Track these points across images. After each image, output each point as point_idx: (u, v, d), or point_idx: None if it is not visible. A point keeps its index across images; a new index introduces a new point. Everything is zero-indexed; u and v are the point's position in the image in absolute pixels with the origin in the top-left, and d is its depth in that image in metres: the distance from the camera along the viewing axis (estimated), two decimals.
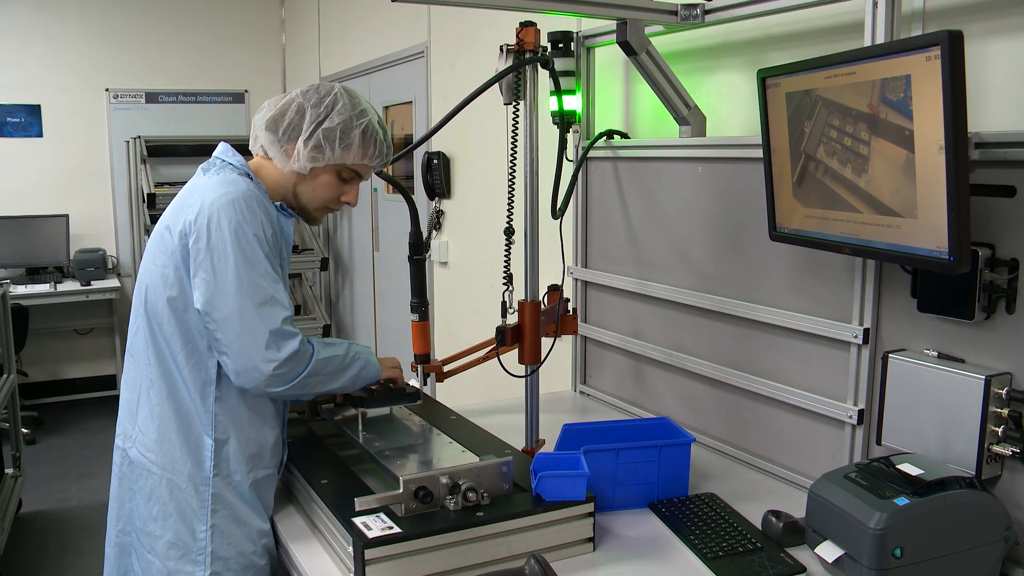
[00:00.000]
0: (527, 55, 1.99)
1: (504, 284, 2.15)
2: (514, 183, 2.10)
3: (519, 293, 2.11)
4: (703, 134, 2.27)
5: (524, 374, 2.11)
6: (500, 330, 2.10)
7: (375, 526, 1.47)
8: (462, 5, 2.65)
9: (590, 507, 1.60)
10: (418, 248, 2.17)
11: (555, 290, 2.33)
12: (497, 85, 1.99)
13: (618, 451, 1.78)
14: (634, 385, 2.53)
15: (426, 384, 2.27)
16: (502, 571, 1.45)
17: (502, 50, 2.04)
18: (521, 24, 2.00)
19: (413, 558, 1.46)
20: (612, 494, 1.79)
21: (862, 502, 1.42)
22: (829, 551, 1.46)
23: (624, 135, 2.50)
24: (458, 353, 2.39)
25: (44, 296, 5.55)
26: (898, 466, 1.48)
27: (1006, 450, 1.50)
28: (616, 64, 2.62)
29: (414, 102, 4.27)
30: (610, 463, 1.77)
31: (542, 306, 2.14)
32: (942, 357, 1.63)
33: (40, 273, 5.84)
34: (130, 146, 5.91)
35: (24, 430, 4.71)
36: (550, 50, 2.38)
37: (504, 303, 2.13)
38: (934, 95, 1.38)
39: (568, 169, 2.42)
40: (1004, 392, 1.51)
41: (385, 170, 2.06)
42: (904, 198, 1.49)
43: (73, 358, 6.24)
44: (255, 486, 1.71)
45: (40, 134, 5.95)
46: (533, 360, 2.10)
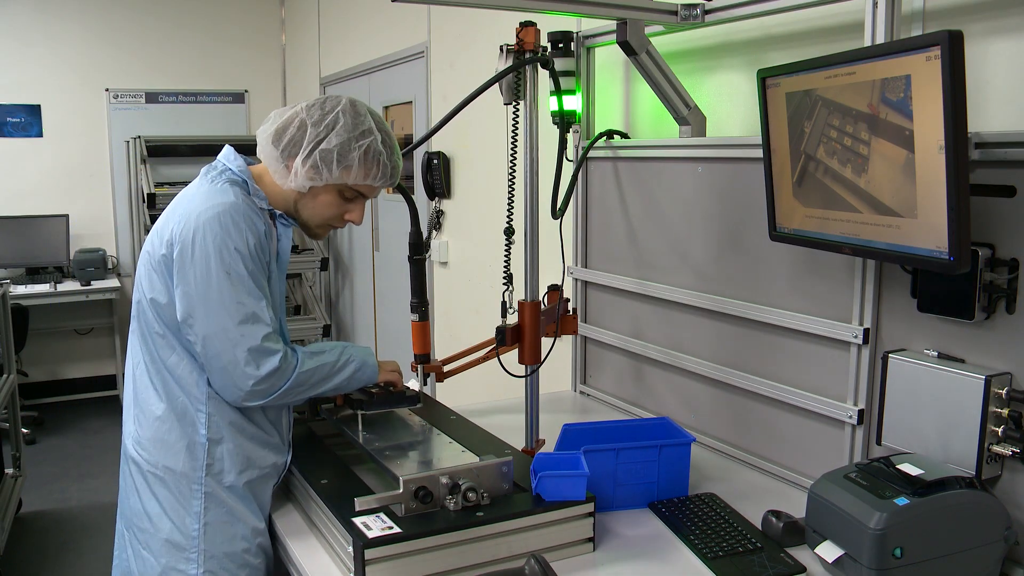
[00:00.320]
0: (527, 55, 1.99)
1: (504, 284, 2.15)
2: (514, 183, 2.10)
3: (519, 293, 2.11)
4: (703, 134, 2.27)
5: (524, 374, 2.11)
6: (500, 330, 2.10)
7: (375, 526, 1.47)
8: (462, 5, 2.65)
9: (590, 507, 1.60)
10: (418, 248, 2.17)
11: (555, 290, 2.33)
12: (497, 85, 1.99)
13: (618, 451, 1.78)
14: (634, 385, 2.53)
15: (426, 384, 2.27)
16: (502, 571, 1.45)
17: (502, 50, 2.04)
18: (521, 24, 2.00)
19: (413, 558, 1.46)
20: (612, 494, 1.78)
21: (862, 502, 1.42)
22: (829, 551, 1.47)
23: (624, 135, 2.50)
24: (458, 353, 2.39)
25: (44, 296, 5.55)
26: (898, 466, 1.48)
27: (1006, 450, 1.50)
28: (616, 64, 2.62)
29: (414, 102, 4.27)
30: (610, 463, 1.77)
31: (542, 306, 2.14)
32: (942, 357, 1.63)
33: (40, 273, 5.84)
34: (130, 146, 5.91)
35: (24, 430, 4.71)
36: (550, 50, 2.38)
37: (504, 303, 2.14)
38: (934, 95, 1.38)
39: (568, 169, 2.42)
40: (1004, 392, 1.51)
41: None
42: (904, 198, 1.49)
43: (73, 358, 6.24)
44: (250, 486, 1.71)
45: (40, 134, 5.95)
46: (533, 360, 2.10)
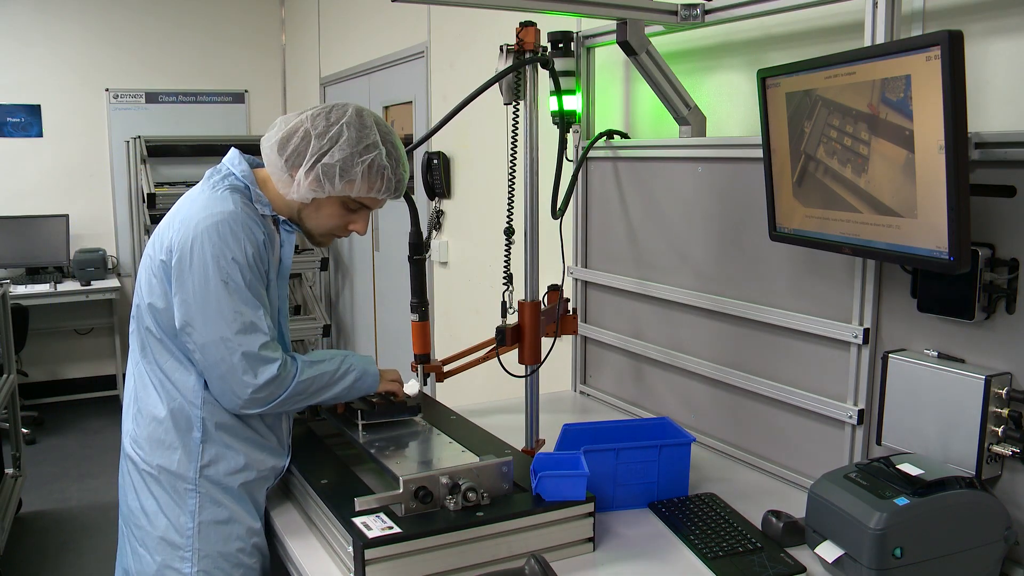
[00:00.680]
0: (527, 55, 1.99)
1: (504, 284, 2.15)
2: (514, 183, 2.10)
3: (519, 293, 2.11)
4: (703, 134, 2.27)
5: (524, 374, 2.11)
6: (500, 330, 2.10)
7: (375, 526, 1.47)
8: (462, 5, 2.65)
9: (590, 507, 1.60)
10: (418, 248, 2.17)
11: (555, 290, 2.33)
12: (497, 85, 1.99)
13: (618, 451, 1.78)
14: (634, 385, 2.53)
15: (426, 384, 2.27)
16: (502, 571, 1.45)
17: (502, 50, 2.04)
18: (521, 24, 2.00)
19: (413, 558, 1.46)
20: (612, 494, 1.78)
21: (862, 502, 1.42)
22: (829, 551, 1.46)
23: (624, 135, 2.50)
24: (458, 353, 2.39)
25: (44, 296, 5.55)
26: (898, 466, 1.48)
27: (1006, 450, 1.50)
28: (616, 64, 2.62)
29: (414, 102, 4.27)
30: (610, 463, 1.77)
31: (542, 306, 2.14)
32: (942, 357, 1.63)
33: (40, 273, 5.84)
34: (130, 146, 5.91)
35: (24, 430, 4.71)
36: (550, 50, 2.38)
37: (504, 303, 2.14)
38: (934, 95, 1.38)
39: (568, 169, 2.42)
40: (1004, 392, 1.51)
41: None
42: (904, 198, 1.49)
43: (73, 358, 6.24)
44: (246, 487, 1.71)
45: (40, 134, 5.95)
46: (533, 360, 2.10)
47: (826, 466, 1.71)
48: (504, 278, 2.15)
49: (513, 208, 2.15)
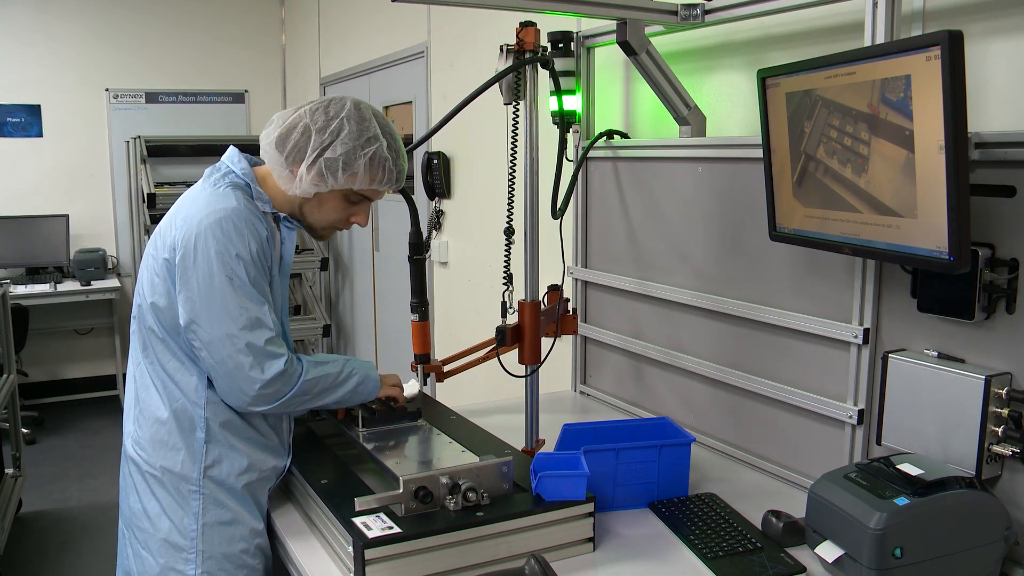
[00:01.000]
0: (527, 55, 1.99)
1: (504, 284, 2.15)
2: (514, 183, 2.10)
3: (519, 293, 2.11)
4: (703, 134, 2.27)
5: (524, 374, 2.11)
6: (500, 330, 2.10)
7: (375, 526, 1.47)
8: (462, 5, 2.65)
9: (590, 507, 1.60)
10: (418, 248, 2.17)
11: (555, 290, 2.33)
12: (497, 85, 1.99)
13: (618, 451, 1.78)
14: (634, 385, 2.53)
15: (426, 384, 2.27)
16: (502, 571, 1.45)
17: (502, 50, 2.04)
18: (521, 24, 2.00)
19: (413, 558, 1.46)
20: (612, 494, 1.78)
21: (862, 502, 1.42)
22: (829, 551, 1.47)
23: (624, 135, 2.50)
24: (458, 353, 2.39)
25: (44, 296, 5.55)
26: (898, 466, 1.48)
27: (1006, 450, 1.50)
28: (616, 64, 2.62)
29: (414, 102, 4.27)
30: (610, 463, 1.77)
31: (542, 306, 2.14)
32: (942, 357, 1.63)
33: (40, 273, 5.84)
34: (130, 146, 5.91)
35: (24, 430, 4.71)
36: (550, 50, 2.38)
37: (504, 303, 2.14)
38: (934, 95, 1.38)
39: (568, 169, 2.42)
40: (1004, 392, 1.51)
41: None
42: (904, 198, 1.49)
43: (73, 358, 6.24)
44: (249, 488, 1.71)
45: (40, 134, 5.95)
46: (533, 360, 2.10)
47: (826, 466, 1.71)
48: (504, 278, 2.15)
49: (513, 208, 2.15)
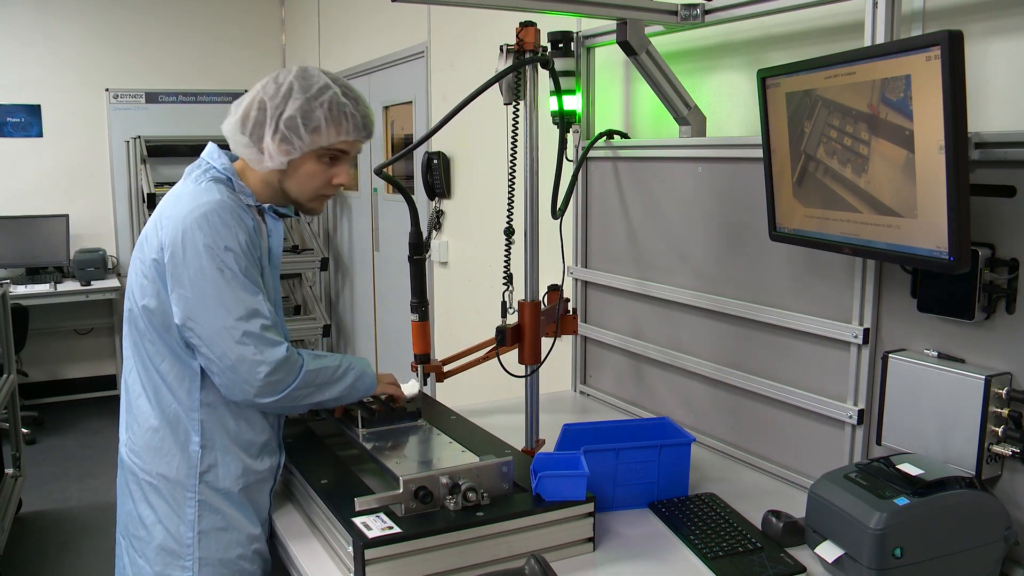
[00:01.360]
0: (527, 55, 1.99)
1: (504, 284, 2.15)
2: (514, 183, 2.10)
3: (519, 293, 2.11)
4: (703, 134, 2.27)
5: (524, 374, 2.11)
6: (500, 330, 2.10)
7: (375, 526, 1.47)
8: (462, 5, 2.65)
9: (590, 507, 1.60)
10: (418, 248, 2.17)
11: (555, 290, 2.33)
12: (497, 85, 1.99)
13: (618, 451, 1.78)
14: (634, 385, 2.53)
15: (426, 384, 2.27)
16: (502, 571, 1.45)
17: (502, 50, 2.04)
18: (521, 24, 2.00)
19: (413, 558, 1.46)
20: (612, 494, 1.78)
21: (862, 502, 1.42)
22: (829, 551, 1.46)
23: (624, 135, 2.50)
24: (458, 353, 2.39)
25: (44, 296, 5.55)
26: (898, 466, 1.48)
27: (1006, 450, 1.50)
28: (616, 64, 2.62)
29: (414, 102, 4.27)
30: (610, 463, 1.77)
31: (542, 306, 2.14)
32: (942, 357, 1.63)
33: (40, 273, 5.84)
34: (130, 146, 5.91)
35: (24, 430, 4.71)
36: (550, 50, 2.38)
37: (504, 303, 2.13)
38: (934, 95, 1.38)
39: (568, 169, 2.42)
40: (1004, 392, 1.51)
41: (385, 171, 2.06)
42: (904, 198, 1.49)
43: (73, 358, 6.24)
44: (245, 491, 1.70)
45: (40, 134, 5.95)
46: (533, 360, 2.10)
47: (826, 466, 1.71)
48: (504, 278, 2.15)
49: (513, 208, 2.15)
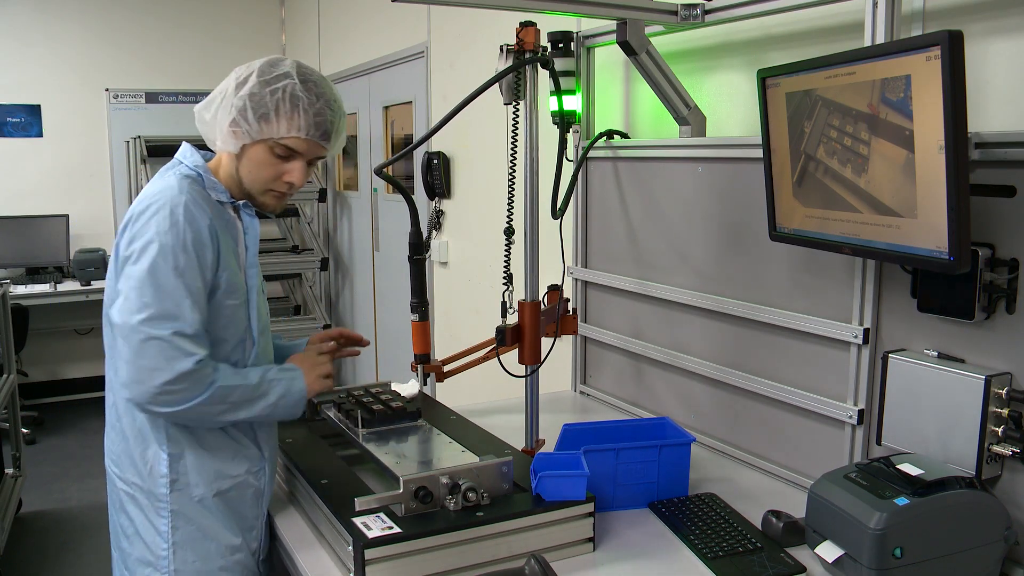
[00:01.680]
0: (527, 55, 1.99)
1: (504, 284, 2.15)
2: (514, 183, 2.10)
3: (519, 293, 2.11)
4: (703, 134, 2.27)
5: (524, 374, 2.11)
6: (500, 330, 2.10)
7: (375, 526, 1.47)
8: (462, 5, 2.65)
9: (590, 507, 1.60)
10: (418, 248, 2.17)
11: (555, 290, 2.33)
12: (497, 85, 1.99)
13: (618, 451, 1.78)
14: (634, 385, 2.53)
15: (426, 384, 2.27)
16: (502, 571, 1.45)
17: (502, 50, 2.04)
18: (521, 24, 2.00)
19: (413, 558, 1.46)
20: (612, 494, 1.78)
21: (862, 502, 1.42)
22: (829, 551, 1.46)
23: (624, 135, 2.50)
24: (458, 353, 2.39)
25: (44, 296, 5.54)
26: (898, 466, 1.48)
27: (1006, 450, 1.50)
28: (616, 64, 2.62)
29: (414, 102, 4.27)
30: (610, 463, 1.77)
31: (542, 306, 2.14)
32: (942, 357, 1.63)
33: (40, 273, 5.84)
34: (130, 146, 5.91)
35: (24, 430, 4.71)
36: (550, 50, 2.38)
37: (504, 303, 2.13)
38: (934, 95, 1.38)
39: (568, 169, 2.42)
40: (1004, 392, 1.51)
41: (385, 171, 2.06)
42: (904, 198, 1.49)
43: (73, 358, 6.23)
44: (222, 499, 1.65)
45: (40, 134, 5.95)
46: (533, 360, 2.10)
47: (826, 466, 1.71)
48: (504, 278, 2.15)
49: (513, 208, 2.15)
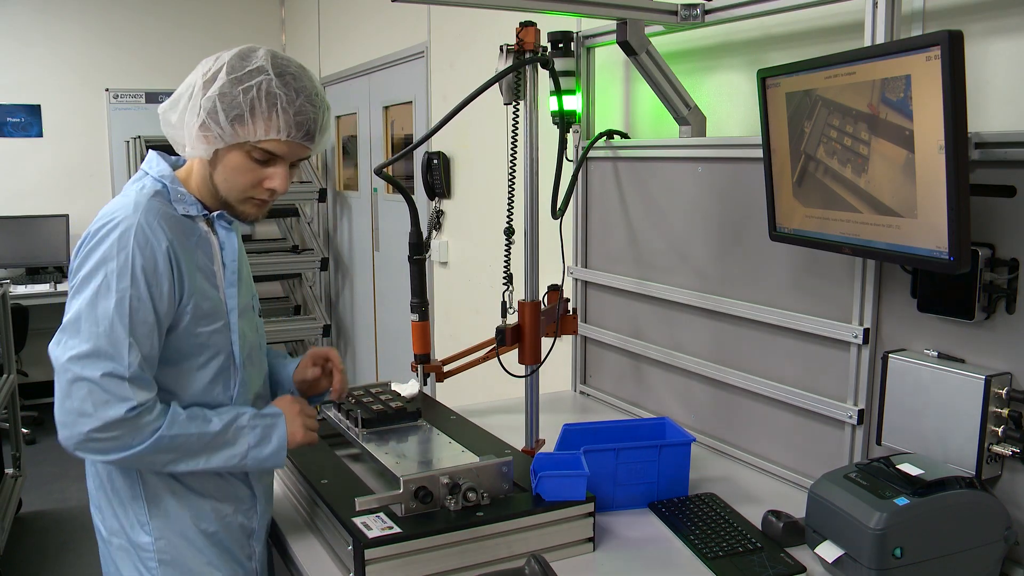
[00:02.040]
0: (527, 55, 1.99)
1: (504, 284, 2.15)
2: (514, 183, 2.10)
3: (519, 293, 2.11)
4: (703, 134, 2.27)
5: (524, 374, 2.11)
6: (500, 330, 2.10)
7: (375, 526, 1.47)
8: (462, 5, 2.65)
9: (590, 507, 1.60)
10: (418, 248, 2.17)
11: (555, 290, 2.33)
12: (497, 85, 1.99)
13: (618, 451, 1.78)
14: (634, 385, 2.53)
15: (426, 384, 2.27)
16: (502, 571, 1.45)
17: (502, 50, 2.04)
18: (521, 24, 2.00)
19: (413, 558, 1.46)
20: (612, 494, 1.78)
21: (862, 502, 1.42)
22: (829, 551, 1.47)
23: (624, 135, 2.50)
24: (458, 353, 2.39)
25: (44, 296, 5.54)
26: (898, 466, 1.48)
27: (1006, 450, 1.50)
28: (616, 64, 2.62)
29: (414, 102, 4.27)
30: (610, 463, 1.77)
31: (542, 306, 2.14)
32: (942, 357, 1.63)
33: (40, 273, 5.84)
34: (130, 146, 5.90)
35: (24, 430, 4.71)
36: (550, 50, 2.38)
37: (504, 303, 2.14)
38: (934, 95, 1.38)
39: (568, 169, 2.42)
40: (1004, 392, 1.51)
41: (385, 170, 2.06)
42: (904, 198, 1.49)
43: None
44: (210, 538, 1.54)
45: (40, 134, 5.95)
46: (533, 360, 2.10)
47: (826, 466, 1.71)
48: (504, 278, 2.15)
49: (513, 208, 2.15)
